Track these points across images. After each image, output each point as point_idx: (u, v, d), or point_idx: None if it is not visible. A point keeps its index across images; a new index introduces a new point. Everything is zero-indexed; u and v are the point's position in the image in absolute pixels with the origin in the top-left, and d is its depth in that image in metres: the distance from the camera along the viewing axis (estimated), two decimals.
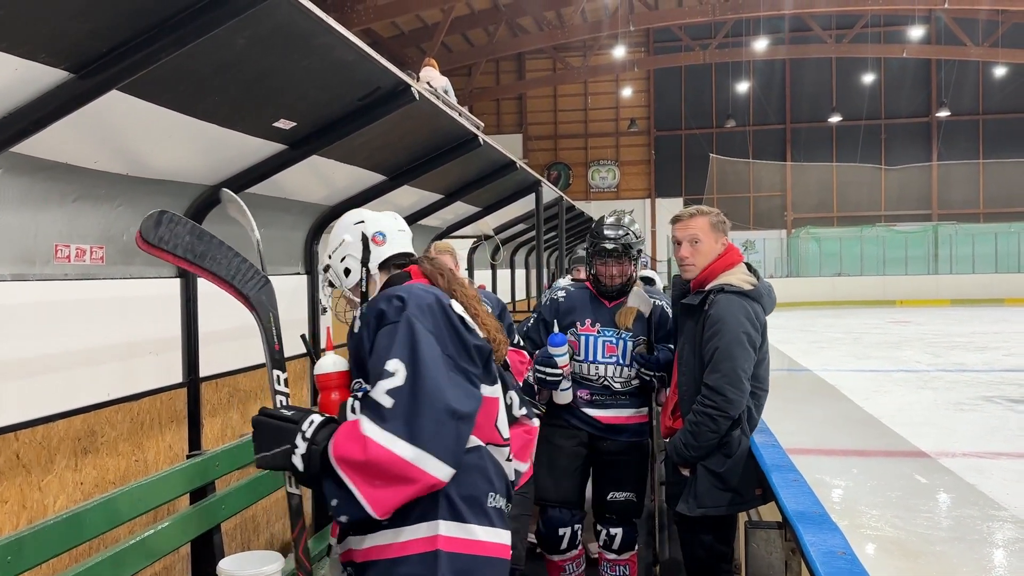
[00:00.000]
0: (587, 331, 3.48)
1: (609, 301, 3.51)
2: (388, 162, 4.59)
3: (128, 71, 2.25)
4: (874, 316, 21.52)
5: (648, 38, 29.56)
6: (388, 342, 1.68)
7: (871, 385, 10.49)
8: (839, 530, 1.81)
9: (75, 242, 2.95)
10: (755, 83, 29.30)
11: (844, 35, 26.38)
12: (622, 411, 3.50)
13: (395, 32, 22.72)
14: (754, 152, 29.74)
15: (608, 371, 3.46)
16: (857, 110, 28.71)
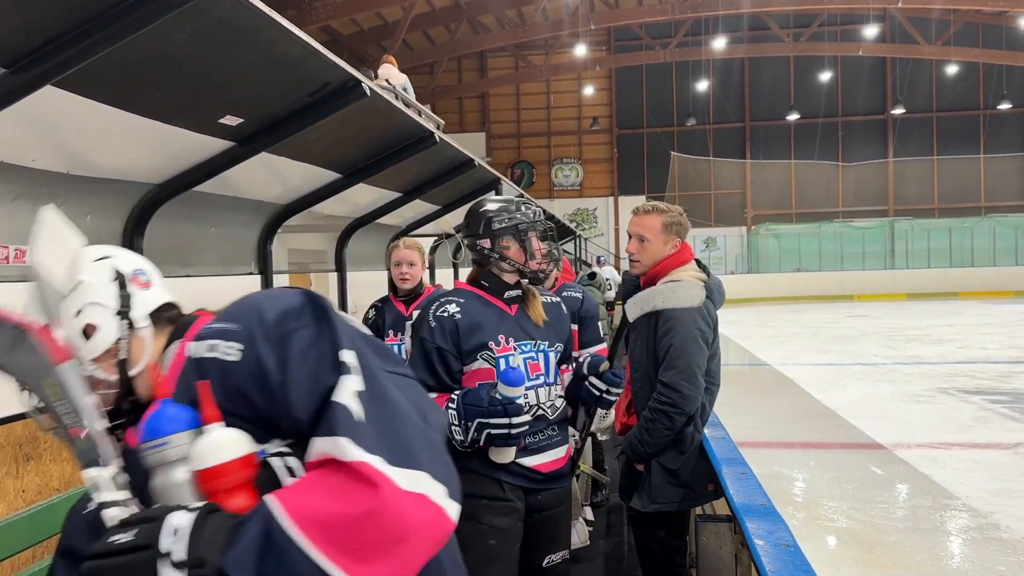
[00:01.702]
0: (505, 351, 2.53)
1: (508, 306, 2.62)
2: (342, 159, 4.54)
3: (62, 66, 2.18)
4: (832, 311, 21.87)
5: (609, 37, 29.71)
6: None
7: (829, 378, 10.65)
8: (784, 522, 1.82)
9: (14, 243, 2.86)
10: (714, 82, 29.59)
11: (802, 34, 26.75)
12: (559, 449, 2.64)
13: (355, 29, 22.55)
14: (714, 150, 30.04)
15: (540, 396, 2.58)
16: (815, 108, 29.14)
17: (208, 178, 3.47)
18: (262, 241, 4.73)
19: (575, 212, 30.26)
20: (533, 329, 2.60)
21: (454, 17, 23.60)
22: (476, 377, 2.52)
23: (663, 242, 2.93)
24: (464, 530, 2.17)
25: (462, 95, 30.57)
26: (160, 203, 3.46)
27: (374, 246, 7.35)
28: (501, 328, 2.56)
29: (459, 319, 2.52)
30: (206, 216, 4.07)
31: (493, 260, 2.60)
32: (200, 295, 4.85)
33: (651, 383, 2.83)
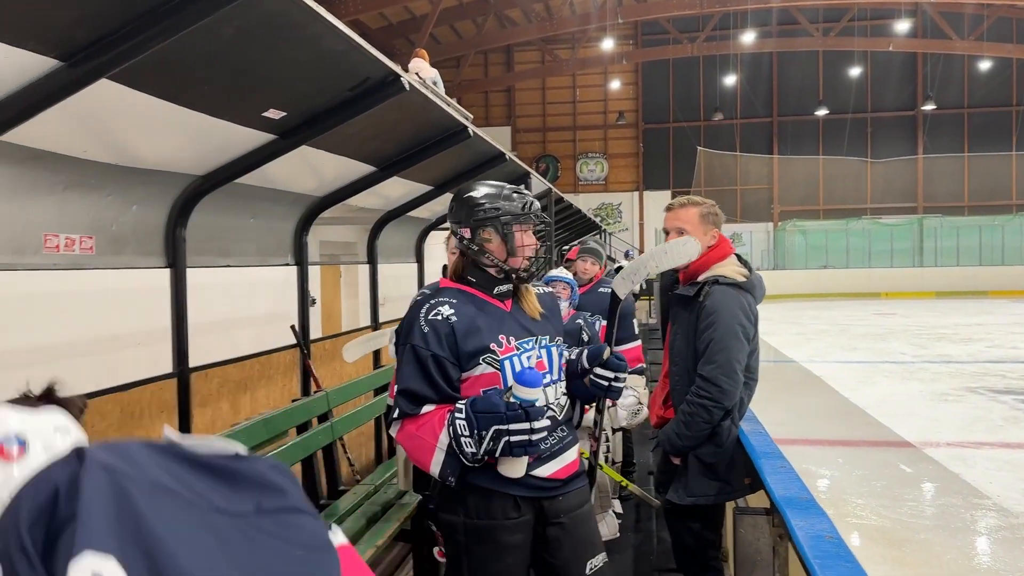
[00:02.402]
0: (508, 352, 2.31)
1: (503, 301, 2.40)
2: (378, 153, 4.59)
3: (117, 60, 2.24)
4: (859, 308, 21.66)
5: (636, 31, 29.56)
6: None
7: (857, 376, 10.56)
8: (826, 515, 1.84)
9: (64, 232, 2.94)
10: (742, 76, 29.36)
11: (831, 28, 26.45)
12: (572, 451, 2.42)
13: (383, 23, 22.63)
14: (741, 145, 29.82)
15: (549, 396, 2.35)
16: (844, 103, 28.82)
17: (250, 170, 3.53)
18: (298, 233, 4.80)
19: (600, 207, 30.19)
20: (531, 324, 2.38)
21: (481, 11, 23.61)
22: (479, 384, 2.25)
23: (702, 233, 2.94)
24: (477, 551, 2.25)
25: (488, 89, 30.58)
26: (203, 194, 3.52)
27: (404, 239, 7.42)
28: (501, 327, 2.31)
29: (455, 322, 2.25)
30: (245, 207, 4.13)
31: (472, 252, 2.35)
32: (239, 286, 4.98)
33: (689, 376, 2.85)
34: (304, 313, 4.93)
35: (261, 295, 5.00)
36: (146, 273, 3.44)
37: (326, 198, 4.86)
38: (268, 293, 5.31)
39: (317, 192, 4.79)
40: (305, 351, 4.86)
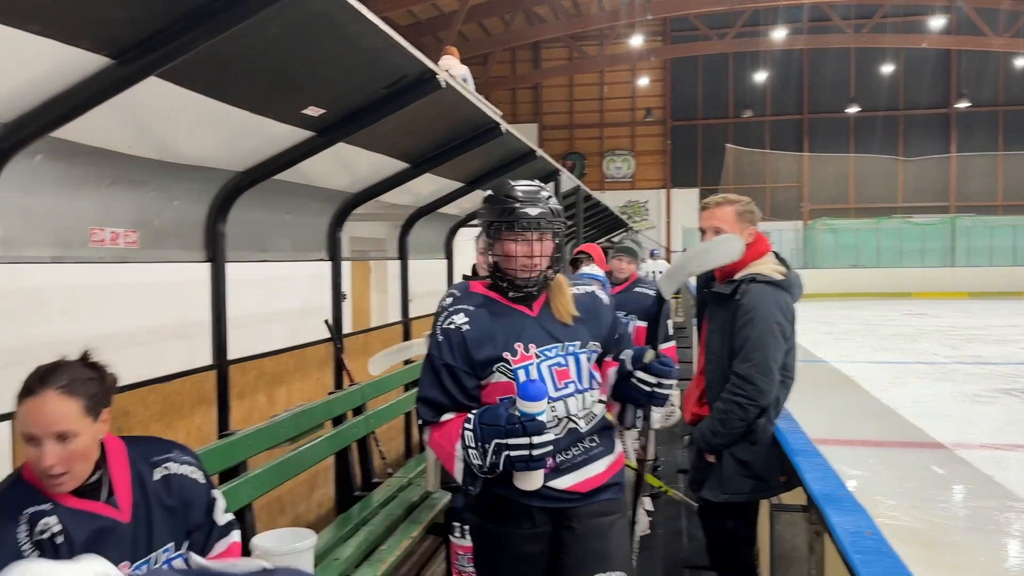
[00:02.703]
0: (524, 361, 2.19)
1: (529, 306, 2.27)
2: (412, 150, 4.63)
3: (166, 57, 2.30)
4: (890, 308, 21.42)
5: (665, 27, 29.40)
6: None
7: (888, 376, 10.47)
8: (864, 511, 1.84)
9: (110, 226, 3.00)
10: (772, 73, 29.09)
11: (863, 25, 26.11)
12: (599, 463, 2.28)
13: (411, 20, 22.72)
14: (771, 143, 29.56)
15: (570, 407, 2.22)
16: (875, 101, 28.47)
17: (288, 167, 3.59)
18: (332, 228, 4.85)
19: (626, 204, 30.08)
20: (559, 330, 2.23)
21: (510, 7, 23.61)
22: (496, 391, 2.19)
23: (739, 231, 2.93)
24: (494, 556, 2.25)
25: (515, 86, 30.58)
26: (242, 190, 3.58)
27: (434, 235, 7.46)
28: (520, 335, 2.20)
29: (467, 331, 2.19)
30: (281, 203, 4.19)
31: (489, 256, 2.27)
32: (276, 281, 5.06)
33: (725, 374, 2.85)
34: (337, 308, 4.99)
35: (296, 290, 5.06)
36: (187, 267, 3.50)
37: (360, 194, 4.90)
38: (302, 288, 5.38)
39: (351, 188, 4.84)
40: (338, 345, 4.92)
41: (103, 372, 1.71)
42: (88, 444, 1.63)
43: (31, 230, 2.70)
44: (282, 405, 4.26)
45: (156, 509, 1.73)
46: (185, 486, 1.80)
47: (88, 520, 1.63)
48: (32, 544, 1.57)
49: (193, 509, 1.80)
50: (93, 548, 1.58)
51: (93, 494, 1.67)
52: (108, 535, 1.64)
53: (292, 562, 2.42)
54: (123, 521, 1.67)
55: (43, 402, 1.58)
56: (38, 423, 1.57)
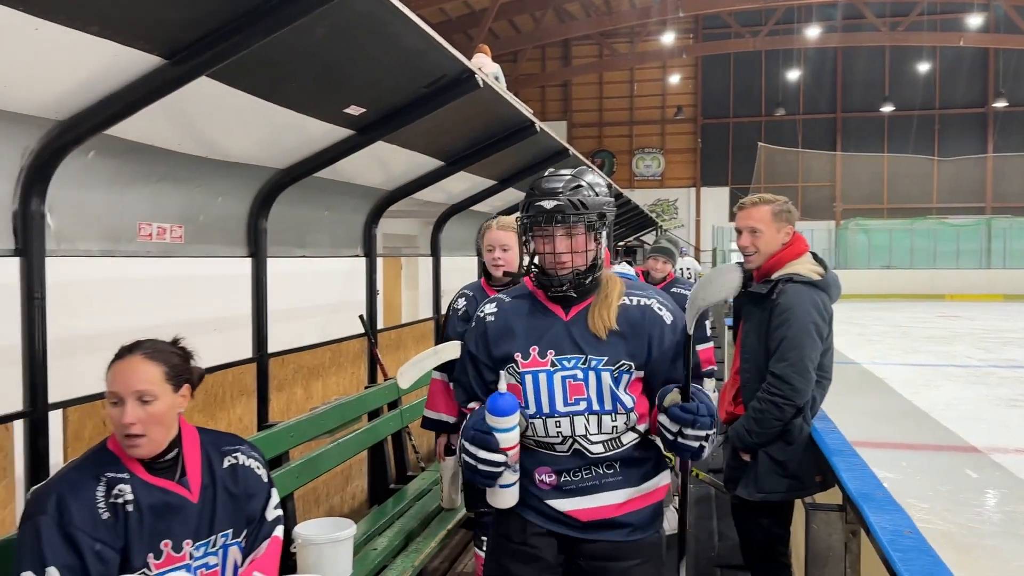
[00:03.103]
0: (534, 366, 2.04)
1: (566, 309, 2.08)
2: (447, 148, 4.68)
3: (218, 58, 2.36)
4: (923, 310, 21.15)
5: (697, 24, 29.23)
6: None
7: (920, 379, 10.36)
8: (903, 510, 1.86)
9: (157, 221, 3.08)
10: (805, 71, 28.81)
11: (899, 23, 25.77)
12: (613, 494, 2.05)
13: (442, 18, 22.81)
14: (803, 141, 29.28)
15: (576, 426, 2.02)
16: (910, 100, 28.08)
17: (328, 164, 3.65)
18: (368, 225, 4.92)
19: (655, 202, 29.97)
20: (588, 341, 2.01)
21: (540, 5, 23.62)
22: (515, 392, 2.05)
23: (776, 230, 2.95)
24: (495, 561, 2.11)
25: (545, 84, 30.57)
26: (283, 187, 3.66)
27: (466, 232, 7.51)
28: (541, 338, 2.04)
29: (490, 323, 2.12)
30: (320, 200, 4.27)
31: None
32: (314, 276, 5.14)
33: (760, 374, 2.86)
34: (372, 303, 5.06)
35: (331, 285, 5.14)
36: (229, 262, 3.58)
37: (395, 192, 4.97)
38: (337, 283, 5.46)
39: (386, 186, 4.90)
40: (372, 340, 4.99)
41: (187, 353, 1.87)
42: (165, 410, 1.75)
43: (83, 224, 2.78)
44: (318, 398, 4.33)
45: (221, 494, 1.81)
46: (250, 478, 1.89)
47: (160, 494, 1.73)
48: (107, 505, 1.69)
49: (253, 501, 1.89)
50: (161, 521, 1.68)
51: (168, 473, 1.78)
52: (175, 511, 1.74)
53: (333, 551, 2.48)
54: (191, 501, 1.76)
55: (129, 363, 1.73)
56: (122, 382, 1.71)
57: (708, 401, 1.92)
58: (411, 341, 6.02)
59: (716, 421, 1.91)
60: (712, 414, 1.89)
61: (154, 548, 1.72)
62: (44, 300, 2.53)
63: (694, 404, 1.88)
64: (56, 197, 2.59)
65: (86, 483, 1.69)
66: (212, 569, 1.80)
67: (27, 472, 2.55)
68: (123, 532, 1.68)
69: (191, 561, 1.76)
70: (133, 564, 1.69)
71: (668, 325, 2.05)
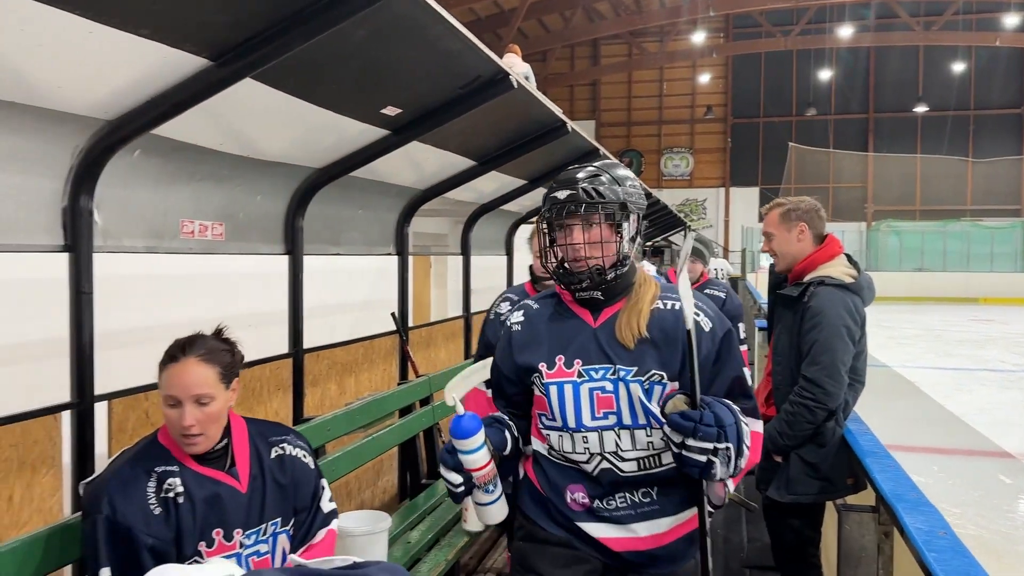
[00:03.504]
0: (559, 376, 1.88)
1: (594, 314, 1.92)
2: (479, 148, 4.72)
3: (262, 60, 2.41)
4: (955, 313, 20.86)
5: (727, 24, 29.06)
6: None
7: (953, 383, 10.24)
8: (938, 511, 1.86)
9: (199, 219, 3.15)
10: (837, 70, 28.53)
11: (933, 22, 25.44)
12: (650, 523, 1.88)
13: (471, 18, 22.88)
14: (835, 142, 28.99)
15: (606, 443, 1.86)
16: (944, 100, 27.70)
17: (364, 164, 3.71)
18: (400, 224, 4.97)
19: (684, 202, 29.85)
20: (617, 349, 1.85)
21: (569, 4, 23.61)
22: (538, 406, 1.95)
23: (786, 231, 2.98)
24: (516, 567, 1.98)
25: (573, 83, 30.56)
26: (320, 186, 3.72)
27: (495, 232, 7.55)
28: (567, 346, 1.89)
29: (515, 332, 1.98)
30: (355, 199, 4.33)
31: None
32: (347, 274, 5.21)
33: (792, 376, 2.86)
34: (403, 301, 5.11)
35: (365, 283, 5.20)
36: (267, 259, 3.65)
37: (427, 191, 5.02)
38: (369, 281, 5.51)
39: (418, 185, 4.95)
40: (404, 337, 5.04)
41: (233, 346, 1.93)
42: (221, 409, 1.82)
43: (128, 222, 2.86)
44: (351, 394, 4.39)
45: (270, 484, 1.86)
46: (297, 468, 1.94)
47: (210, 485, 1.78)
48: (157, 500, 1.74)
49: (301, 490, 1.94)
50: (212, 511, 1.73)
51: (218, 463, 1.84)
52: (226, 501, 1.80)
53: (369, 543, 2.53)
54: (240, 491, 1.81)
55: (185, 368, 1.78)
56: (181, 386, 1.77)
57: (723, 411, 1.72)
58: (441, 339, 6.07)
59: (730, 434, 1.69)
60: (722, 425, 1.68)
61: (206, 537, 1.77)
62: (92, 295, 2.60)
63: (697, 412, 1.69)
64: (103, 195, 2.66)
65: (137, 479, 1.75)
66: (263, 557, 1.86)
67: (74, 462, 2.63)
68: (175, 524, 1.74)
69: (241, 550, 1.81)
70: (185, 552, 1.74)
71: (706, 333, 1.86)
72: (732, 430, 1.71)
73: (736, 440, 1.71)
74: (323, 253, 4.11)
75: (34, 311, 3.28)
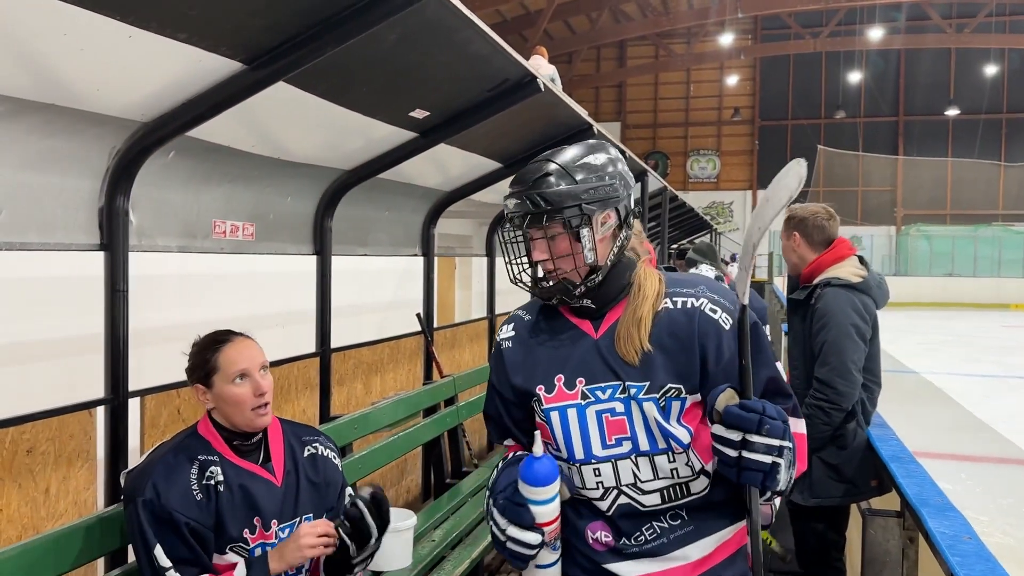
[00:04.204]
0: (560, 400, 1.61)
1: (595, 323, 1.62)
2: (505, 150, 4.75)
3: (295, 63, 2.46)
4: (986, 319, 20.56)
5: (756, 25, 28.87)
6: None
7: (982, 390, 10.11)
8: (963, 516, 1.86)
9: (230, 219, 3.21)
10: (867, 73, 28.24)
11: (966, 24, 25.09)
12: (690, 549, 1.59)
13: (498, 19, 22.94)
14: (864, 145, 28.69)
15: (622, 474, 1.58)
16: (976, 103, 27.33)
17: (392, 166, 3.75)
18: (426, 225, 5.02)
19: (710, 205, 29.68)
20: (622, 363, 1.56)
21: (596, 6, 23.60)
22: (543, 435, 1.63)
23: (786, 239, 3.07)
24: None
25: (599, 84, 30.52)
26: (348, 187, 3.77)
27: None
28: (565, 363, 1.60)
29: (507, 349, 1.70)
30: (382, 200, 4.37)
31: None
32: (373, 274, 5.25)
33: (808, 380, 2.87)
34: (428, 302, 5.15)
35: (389, 283, 5.25)
36: (296, 259, 3.71)
37: (453, 193, 5.06)
38: (396, 282, 5.57)
39: (444, 187, 4.99)
40: (429, 338, 5.09)
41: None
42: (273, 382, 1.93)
43: (162, 221, 2.92)
44: (377, 393, 4.44)
45: (303, 481, 1.92)
46: (328, 468, 2.00)
47: (247, 477, 1.85)
48: (199, 486, 1.80)
49: (331, 490, 2.00)
50: (248, 499, 1.79)
51: (253, 456, 1.90)
52: (262, 492, 1.86)
53: (395, 540, 2.56)
54: (276, 484, 1.87)
55: (243, 343, 1.89)
56: (248, 358, 1.87)
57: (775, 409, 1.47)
58: (465, 340, 6.11)
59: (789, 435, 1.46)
60: (785, 419, 1.46)
61: (248, 524, 1.83)
62: (127, 293, 2.66)
63: (759, 402, 1.46)
64: (138, 195, 2.72)
65: (181, 466, 1.81)
66: None
67: (107, 456, 2.69)
68: (215, 511, 1.79)
69: (277, 541, 1.86)
70: (231, 535, 1.80)
71: (727, 331, 1.56)
72: (788, 430, 1.47)
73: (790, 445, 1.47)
74: (351, 254, 4.17)
75: (71, 308, 3.37)
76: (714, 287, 1.63)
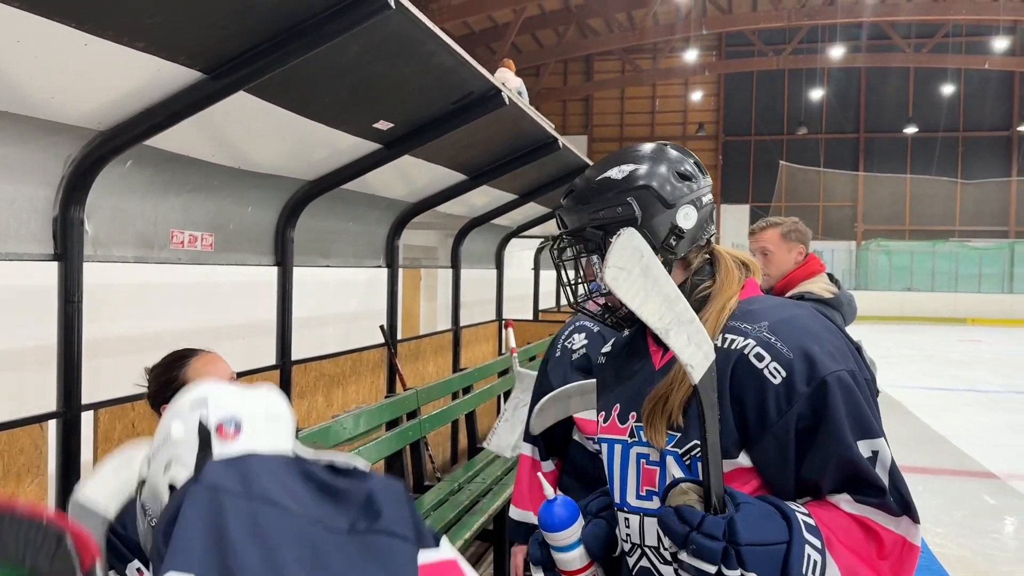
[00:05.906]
0: (611, 433, 1.41)
1: (663, 349, 1.36)
2: (470, 162, 4.75)
3: (256, 73, 2.44)
4: (944, 334, 20.98)
5: (720, 42, 29.28)
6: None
7: (940, 403, 10.30)
8: None
9: (189, 229, 3.17)
10: (829, 91, 28.75)
11: (924, 44, 25.70)
12: None
13: (466, 31, 23.00)
14: (826, 161, 29.19)
15: (647, 533, 1.33)
16: (934, 121, 27.95)
17: (355, 177, 3.73)
18: (391, 237, 4.99)
19: None
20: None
21: (563, 20, 23.76)
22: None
23: (786, 251, 3.01)
24: None
25: (566, 98, 30.70)
26: (311, 198, 3.74)
27: (486, 245, 7.58)
28: (624, 393, 1.40)
29: (577, 361, 1.58)
30: (346, 211, 4.35)
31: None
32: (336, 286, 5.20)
33: None
34: (392, 314, 5.13)
35: (354, 295, 5.21)
36: (257, 270, 3.66)
37: (418, 204, 5.04)
38: (361, 293, 5.52)
39: (409, 198, 4.98)
40: (392, 350, 5.05)
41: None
42: None
43: (118, 231, 2.87)
44: (338, 406, 4.39)
45: None
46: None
47: None
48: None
49: None
50: None
51: None
52: None
53: None
54: None
55: (211, 356, 1.84)
56: (223, 371, 1.83)
57: (755, 520, 1.14)
58: (430, 352, 6.08)
59: (752, 559, 1.10)
60: (736, 542, 1.10)
61: None
62: (81, 304, 2.61)
63: (698, 513, 1.14)
64: (94, 204, 2.68)
65: None
66: None
67: (58, 471, 2.63)
68: None
69: None
70: None
71: (775, 386, 1.22)
72: (761, 555, 1.11)
73: (774, 573, 1.12)
74: (313, 265, 4.13)
75: (23, 319, 3.29)
76: (782, 324, 1.29)
